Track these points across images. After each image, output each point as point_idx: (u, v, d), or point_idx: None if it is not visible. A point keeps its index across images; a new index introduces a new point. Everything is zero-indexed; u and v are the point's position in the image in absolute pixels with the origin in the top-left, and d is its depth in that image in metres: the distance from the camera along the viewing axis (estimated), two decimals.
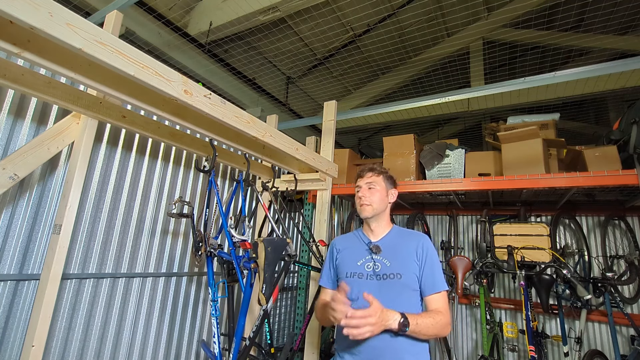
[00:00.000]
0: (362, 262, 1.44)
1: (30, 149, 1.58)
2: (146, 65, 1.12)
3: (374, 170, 1.54)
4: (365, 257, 1.46)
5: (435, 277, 1.38)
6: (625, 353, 2.77)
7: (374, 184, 1.50)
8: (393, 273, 1.37)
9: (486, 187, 2.68)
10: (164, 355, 2.35)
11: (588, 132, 4.60)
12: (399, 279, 1.36)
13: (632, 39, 3.06)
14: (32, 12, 0.84)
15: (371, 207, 1.47)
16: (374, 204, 1.47)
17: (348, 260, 1.49)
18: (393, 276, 1.37)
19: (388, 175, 1.56)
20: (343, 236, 1.65)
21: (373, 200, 1.48)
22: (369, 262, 1.43)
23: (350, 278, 1.42)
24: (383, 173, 1.54)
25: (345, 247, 1.55)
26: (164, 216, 2.41)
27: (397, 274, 1.37)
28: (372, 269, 1.41)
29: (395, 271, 1.38)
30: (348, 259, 1.49)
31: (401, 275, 1.37)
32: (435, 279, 1.37)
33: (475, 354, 3.49)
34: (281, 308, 3.68)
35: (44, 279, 1.56)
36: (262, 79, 4.10)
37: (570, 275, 2.28)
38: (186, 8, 3.23)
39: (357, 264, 1.45)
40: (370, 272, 1.40)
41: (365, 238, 1.53)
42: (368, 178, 1.52)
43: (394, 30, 3.36)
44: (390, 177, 1.57)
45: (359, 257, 1.47)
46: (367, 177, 1.52)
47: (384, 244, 1.46)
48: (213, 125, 1.73)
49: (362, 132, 5.70)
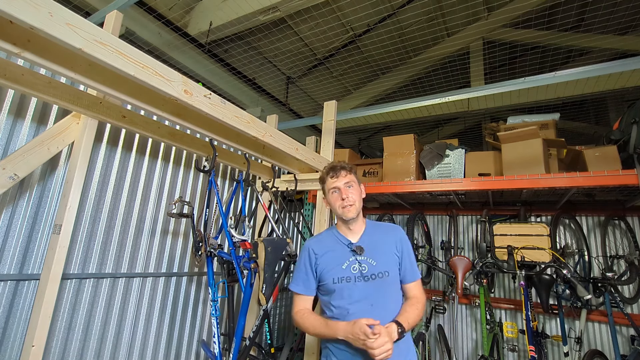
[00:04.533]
0: (347, 265, 1.40)
1: (30, 149, 1.58)
2: (146, 65, 1.12)
3: (345, 168, 1.48)
4: (348, 259, 1.41)
5: (414, 267, 1.47)
6: (625, 353, 2.76)
7: (351, 183, 1.46)
8: (381, 272, 1.38)
9: (486, 187, 2.68)
10: (164, 355, 2.35)
11: (588, 132, 4.60)
12: (387, 276, 1.38)
13: (632, 39, 3.06)
14: (32, 12, 0.84)
15: (354, 206, 1.43)
16: (356, 203, 1.44)
17: (331, 264, 1.42)
18: (382, 275, 1.38)
19: (355, 171, 1.53)
20: (317, 238, 1.56)
21: (355, 199, 1.44)
22: (354, 263, 1.40)
23: (339, 284, 1.37)
24: (353, 170, 1.51)
25: (325, 251, 1.46)
26: (164, 216, 2.41)
27: (385, 272, 1.38)
28: (358, 271, 1.38)
29: (383, 269, 1.39)
30: (331, 263, 1.42)
31: (388, 273, 1.39)
32: (414, 269, 1.47)
33: (475, 354, 3.49)
34: (281, 308, 3.68)
35: (44, 279, 1.56)
36: (262, 79, 4.10)
37: (570, 275, 2.28)
38: (186, 8, 3.23)
39: (342, 268, 1.40)
40: (357, 274, 1.38)
41: (344, 239, 1.47)
42: (344, 177, 1.46)
43: (394, 30, 3.36)
44: (356, 172, 1.54)
45: (342, 260, 1.41)
46: (342, 177, 1.46)
47: (365, 243, 1.44)
48: (213, 125, 1.73)
49: (362, 132, 5.70)
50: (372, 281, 1.37)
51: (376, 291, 1.36)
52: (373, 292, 1.35)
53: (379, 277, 1.37)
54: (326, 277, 1.41)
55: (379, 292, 1.36)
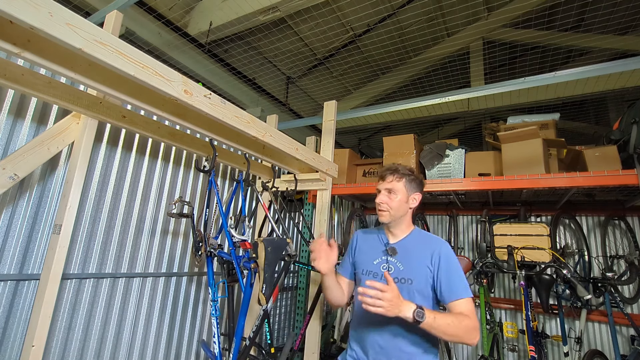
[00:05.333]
0: (377, 262, 1.46)
1: (30, 149, 1.58)
2: (146, 65, 1.12)
3: (395, 172, 1.44)
4: (380, 257, 1.46)
5: (453, 283, 1.30)
6: (625, 353, 2.77)
7: (394, 190, 1.42)
8: (405, 277, 1.37)
9: (486, 187, 2.68)
10: (164, 355, 2.35)
11: (588, 132, 4.60)
12: (410, 284, 1.35)
13: (632, 39, 3.06)
14: (32, 12, 0.84)
15: (389, 213, 1.42)
16: (391, 210, 1.42)
17: (365, 257, 1.51)
18: (404, 280, 1.36)
19: (411, 177, 1.45)
20: (367, 230, 1.64)
21: (391, 207, 1.41)
22: (384, 262, 1.44)
23: (366, 275, 1.45)
24: (406, 176, 1.44)
25: (365, 243, 1.56)
26: (164, 216, 2.41)
27: (408, 279, 1.36)
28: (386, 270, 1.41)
29: (407, 276, 1.36)
30: (365, 255, 1.51)
31: (412, 281, 1.35)
32: (453, 285, 1.30)
33: (475, 354, 3.49)
34: (281, 308, 3.68)
35: (44, 279, 1.56)
36: (262, 79, 4.10)
37: (570, 275, 2.28)
38: (186, 8, 3.23)
39: (374, 263, 1.46)
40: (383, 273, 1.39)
41: (384, 238, 1.51)
42: (388, 183, 1.43)
43: (394, 30, 3.36)
44: (413, 179, 1.45)
45: (375, 256, 1.48)
46: (387, 182, 1.44)
47: (401, 247, 1.44)
48: (213, 125, 1.73)
49: (362, 132, 5.70)
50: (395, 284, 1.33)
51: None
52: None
53: (401, 282, 1.36)
54: (359, 266, 1.52)
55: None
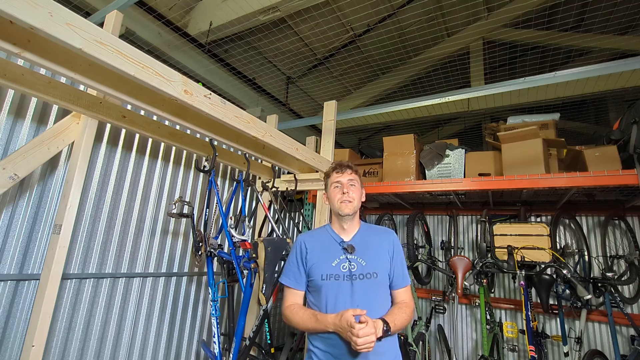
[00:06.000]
0: (337, 263, 1.41)
1: (30, 149, 1.58)
2: (146, 65, 1.12)
3: (351, 168, 1.53)
4: (339, 256, 1.42)
5: (404, 272, 1.48)
6: (625, 353, 2.76)
7: (354, 182, 1.50)
8: (370, 272, 1.38)
9: (486, 187, 2.68)
10: (164, 355, 2.35)
11: (588, 132, 4.60)
12: (375, 277, 1.38)
13: (632, 39, 3.06)
14: (32, 12, 0.84)
15: (352, 204, 1.46)
16: (355, 202, 1.47)
17: (321, 260, 1.43)
18: (370, 275, 1.38)
19: (360, 174, 1.58)
20: (310, 233, 1.58)
21: (355, 197, 1.47)
22: (344, 262, 1.41)
23: (327, 280, 1.38)
24: (358, 172, 1.56)
25: (316, 246, 1.48)
26: (164, 216, 2.41)
27: (374, 272, 1.39)
28: (347, 269, 1.39)
29: (372, 270, 1.39)
30: (321, 259, 1.43)
31: (377, 274, 1.39)
32: (404, 274, 1.47)
33: (475, 354, 3.49)
34: (281, 308, 3.68)
35: (44, 279, 1.56)
36: (262, 79, 4.10)
37: (570, 275, 2.28)
38: (186, 8, 3.23)
39: (332, 265, 1.40)
40: (346, 272, 1.38)
41: (336, 236, 1.49)
42: (349, 175, 1.50)
43: (394, 30, 3.36)
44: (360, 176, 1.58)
45: (332, 258, 1.42)
46: (347, 174, 1.50)
47: (357, 243, 1.45)
48: (213, 125, 1.73)
49: (362, 132, 5.71)
50: (360, 281, 1.36)
51: (363, 291, 1.35)
52: (360, 292, 1.35)
53: (367, 277, 1.37)
54: (315, 273, 1.41)
55: (366, 293, 1.35)
